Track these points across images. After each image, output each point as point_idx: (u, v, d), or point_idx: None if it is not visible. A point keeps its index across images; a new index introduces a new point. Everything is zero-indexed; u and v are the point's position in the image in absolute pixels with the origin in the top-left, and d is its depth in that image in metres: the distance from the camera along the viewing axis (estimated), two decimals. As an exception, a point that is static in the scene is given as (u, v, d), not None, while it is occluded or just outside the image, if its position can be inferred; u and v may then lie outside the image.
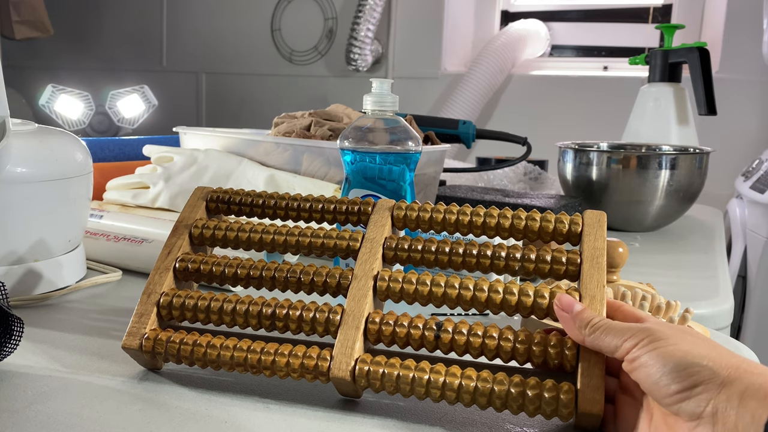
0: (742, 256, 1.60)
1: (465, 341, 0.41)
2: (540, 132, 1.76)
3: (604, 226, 0.45)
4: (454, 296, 0.43)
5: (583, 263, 0.44)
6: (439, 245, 0.47)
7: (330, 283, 0.46)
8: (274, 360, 0.42)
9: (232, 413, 0.42)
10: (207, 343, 0.44)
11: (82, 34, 3.22)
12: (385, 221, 0.49)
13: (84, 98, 2.72)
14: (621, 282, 0.63)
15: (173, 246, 0.50)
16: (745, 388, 0.31)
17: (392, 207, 0.50)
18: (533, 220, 0.46)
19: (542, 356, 0.40)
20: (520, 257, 0.45)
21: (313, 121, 0.92)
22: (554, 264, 0.45)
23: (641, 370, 0.34)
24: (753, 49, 2.10)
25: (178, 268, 0.49)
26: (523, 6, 2.69)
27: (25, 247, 0.62)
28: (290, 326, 0.45)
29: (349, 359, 0.41)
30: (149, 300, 0.47)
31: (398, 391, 0.41)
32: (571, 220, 0.46)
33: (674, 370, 0.33)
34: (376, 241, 0.47)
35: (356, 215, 0.50)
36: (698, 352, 0.33)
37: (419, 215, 0.49)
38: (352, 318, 0.43)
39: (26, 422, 0.40)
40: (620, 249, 0.60)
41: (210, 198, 0.53)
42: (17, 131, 0.61)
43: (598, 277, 0.43)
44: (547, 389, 0.38)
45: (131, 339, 0.45)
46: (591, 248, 0.44)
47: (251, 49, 2.98)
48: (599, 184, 1.02)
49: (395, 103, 0.61)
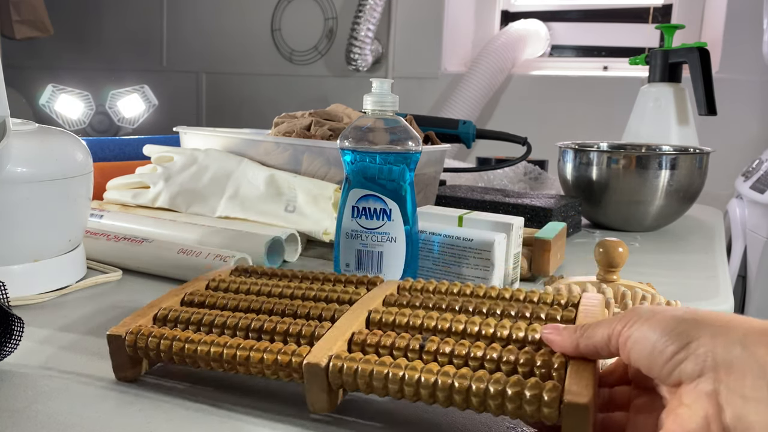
0: (742, 256, 1.61)
1: (450, 351, 0.40)
2: (540, 132, 1.76)
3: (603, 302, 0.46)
4: (445, 329, 0.43)
5: (578, 314, 0.44)
6: (437, 301, 0.48)
7: (325, 316, 0.47)
8: (249, 356, 0.42)
9: (232, 413, 0.42)
10: (186, 339, 0.44)
11: (83, 34, 3.23)
12: (391, 286, 0.51)
13: (84, 98, 2.72)
14: (621, 282, 0.63)
15: (189, 285, 0.53)
16: (744, 334, 0.29)
17: (399, 282, 0.52)
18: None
19: (529, 365, 0.39)
20: (514, 314, 0.46)
21: (313, 121, 0.92)
22: (549, 318, 0.45)
23: (635, 348, 0.33)
24: (753, 49, 2.10)
25: (186, 300, 0.51)
26: (523, 6, 2.69)
27: (25, 247, 0.62)
28: (276, 338, 0.45)
29: (327, 352, 0.40)
30: (150, 308, 0.48)
31: (372, 390, 0.39)
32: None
33: (665, 332, 0.32)
34: (378, 294, 0.49)
35: (364, 286, 0.52)
36: (686, 311, 0.32)
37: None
38: (339, 329, 0.43)
39: (26, 422, 0.40)
40: (620, 249, 0.60)
41: (235, 269, 0.58)
42: (17, 131, 0.61)
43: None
44: (529, 386, 0.37)
45: (118, 327, 0.46)
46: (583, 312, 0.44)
47: (251, 49, 2.98)
48: (599, 184, 1.02)
49: (395, 103, 0.61)
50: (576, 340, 0.38)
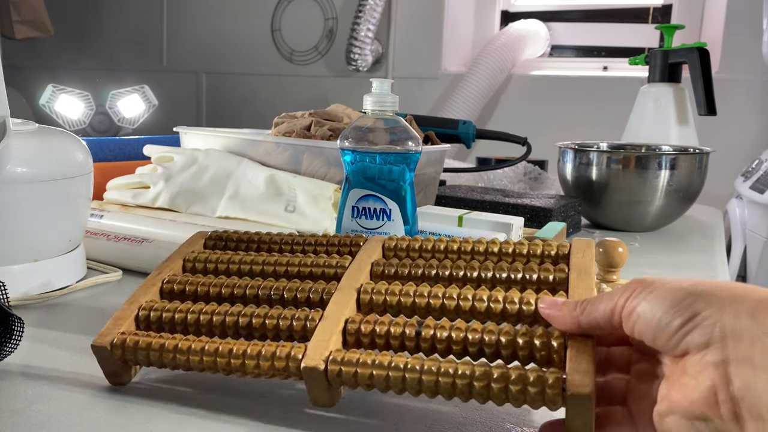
0: (741, 256, 1.61)
1: (447, 336, 0.40)
2: (540, 132, 1.76)
3: (591, 248, 0.46)
4: (437, 306, 0.43)
5: (571, 273, 0.44)
6: (425, 268, 0.47)
7: (313, 299, 0.46)
8: (243, 363, 0.42)
9: (233, 414, 0.42)
10: (174, 347, 0.43)
11: (83, 34, 3.23)
12: (375, 248, 0.50)
13: (84, 98, 2.72)
14: (621, 282, 0.63)
15: (165, 268, 0.51)
16: (753, 304, 0.29)
17: (384, 240, 0.51)
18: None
19: (528, 348, 0.39)
20: (506, 278, 0.45)
21: (313, 121, 0.92)
22: (541, 281, 0.45)
23: (640, 321, 0.32)
24: (753, 49, 2.10)
25: (165, 289, 0.49)
26: (523, 6, 2.69)
27: (25, 247, 0.62)
28: (267, 335, 0.44)
29: (322, 356, 0.40)
30: (130, 308, 0.47)
31: (374, 385, 0.40)
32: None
33: (672, 305, 0.31)
34: (364, 261, 0.48)
35: (348, 247, 0.52)
36: (692, 283, 0.31)
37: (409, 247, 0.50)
38: (330, 320, 0.43)
39: (26, 422, 0.40)
40: (620, 249, 0.60)
41: (209, 237, 0.56)
42: (17, 131, 0.61)
43: (586, 284, 0.42)
44: (531, 379, 0.37)
45: (102, 337, 0.45)
46: (578, 263, 0.44)
47: (251, 49, 2.98)
48: (599, 184, 1.02)
49: (395, 103, 0.61)
50: (576, 318, 0.37)
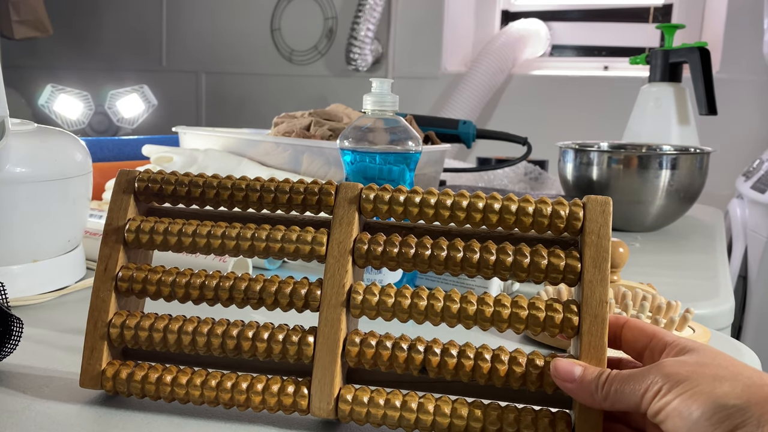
0: (742, 256, 1.60)
1: (455, 364, 0.38)
2: (540, 132, 1.76)
3: (609, 218, 0.39)
4: (438, 310, 0.40)
5: (585, 270, 0.39)
6: (418, 249, 0.41)
7: (296, 304, 0.42)
8: (248, 397, 0.40)
9: (233, 414, 0.42)
10: (172, 381, 0.41)
11: (82, 34, 3.22)
12: (351, 217, 0.42)
13: (83, 98, 2.71)
14: (621, 282, 0.63)
15: (108, 259, 0.43)
16: None
17: (358, 197, 0.42)
18: (526, 215, 0.40)
19: (539, 381, 0.38)
20: (511, 264, 0.40)
21: (313, 121, 0.92)
22: (550, 273, 0.40)
23: (671, 420, 0.32)
24: (753, 49, 2.09)
25: (121, 288, 0.43)
26: (523, 6, 2.69)
27: (25, 247, 0.61)
28: (259, 357, 0.42)
29: (329, 397, 0.39)
30: (96, 331, 0.42)
31: (385, 425, 0.39)
32: (571, 214, 0.40)
33: (708, 414, 0.31)
34: (344, 247, 0.42)
35: (316, 198, 0.43)
36: (724, 390, 0.31)
37: (391, 207, 0.42)
38: (327, 346, 0.40)
39: (26, 422, 0.40)
40: (621, 249, 0.60)
41: (138, 188, 0.44)
42: (16, 131, 0.61)
43: (601, 291, 0.38)
44: (542, 427, 0.37)
45: (88, 379, 0.42)
46: (593, 251, 0.39)
47: (251, 49, 2.97)
48: (600, 184, 1.02)
49: (395, 103, 0.61)
50: (600, 404, 0.35)
